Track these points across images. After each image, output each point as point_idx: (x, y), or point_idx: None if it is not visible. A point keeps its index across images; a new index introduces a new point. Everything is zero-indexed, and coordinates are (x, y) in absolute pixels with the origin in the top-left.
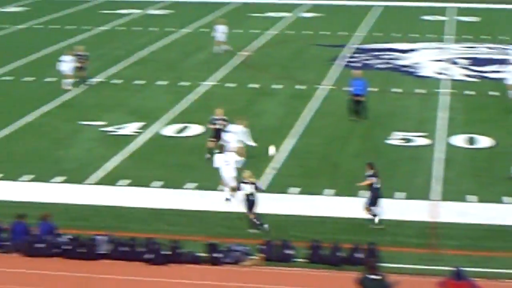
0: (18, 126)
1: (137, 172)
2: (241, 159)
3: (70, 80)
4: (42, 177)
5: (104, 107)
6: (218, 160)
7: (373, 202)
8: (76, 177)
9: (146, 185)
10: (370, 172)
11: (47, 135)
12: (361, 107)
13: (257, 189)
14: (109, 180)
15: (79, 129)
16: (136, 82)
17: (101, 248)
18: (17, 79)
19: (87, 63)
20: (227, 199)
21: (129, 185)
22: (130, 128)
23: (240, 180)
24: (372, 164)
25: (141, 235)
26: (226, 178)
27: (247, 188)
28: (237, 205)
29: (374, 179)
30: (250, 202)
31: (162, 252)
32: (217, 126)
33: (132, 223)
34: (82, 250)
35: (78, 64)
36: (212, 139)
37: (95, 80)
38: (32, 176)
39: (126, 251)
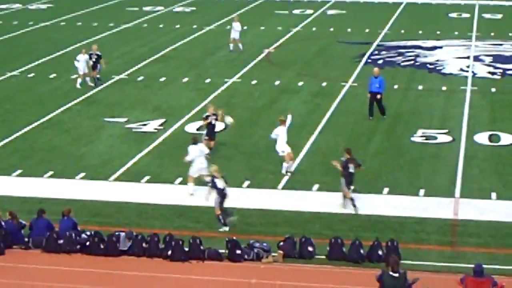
0: (41, 122)
1: (159, 169)
2: (291, 162)
3: (88, 78)
4: (64, 173)
5: (127, 104)
6: (192, 151)
7: (347, 185)
8: (98, 173)
9: (168, 181)
10: (346, 157)
11: (69, 131)
12: (379, 105)
13: (226, 183)
14: (131, 176)
15: (101, 126)
16: (159, 79)
17: (122, 244)
18: (40, 76)
19: (101, 62)
20: (191, 194)
21: (151, 181)
22: (152, 125)
23: (212, 175)
24: (350, 150)
25: (162, 232)
26: (196, 169)
27: (220, 183)
28: (205, 200)
29: (348, 166)
30: (224, 195)
31: (183, 249)
32: (210, 121)
33: (153, 219)
34: (103, 246)
35: (91, 63)
36: (206, 137)
37: (119, 77)
38: (54, 172)
39: (147, 248)
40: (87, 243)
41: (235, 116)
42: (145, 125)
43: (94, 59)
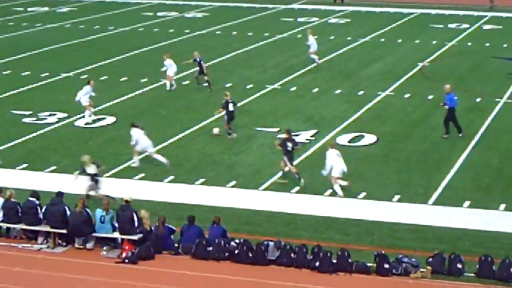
0: (194, 129)
1: (309, 180)
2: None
3: (169, 83)
4: (215, 181)
5: (279, 113)
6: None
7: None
8: (249, 182)
9: (318, 193)
10: (285, 136)
11: (221, 140)
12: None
13: (98, 167)
14: (281, 186)
15: (253, 135)
16: (312, 90)
17: (270, 254)
18: (195, 83)
19: (204, 67)
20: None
21: (301, 192)
22: (304, 135)
23: (92, 164)
24: (289, 130)
25: (310, 243)
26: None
27: (91, 169)
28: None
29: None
30: (96, 181)
31: (331, 260)
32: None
33: (302, 230)
34: (252, 255)
35: (199, 69)
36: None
37: (272, 86)
38: (205, 180)
39: (295, 258)
40: (236, 251)
41: (386, 129)
42: (297, 135)
43: (199, 65)
